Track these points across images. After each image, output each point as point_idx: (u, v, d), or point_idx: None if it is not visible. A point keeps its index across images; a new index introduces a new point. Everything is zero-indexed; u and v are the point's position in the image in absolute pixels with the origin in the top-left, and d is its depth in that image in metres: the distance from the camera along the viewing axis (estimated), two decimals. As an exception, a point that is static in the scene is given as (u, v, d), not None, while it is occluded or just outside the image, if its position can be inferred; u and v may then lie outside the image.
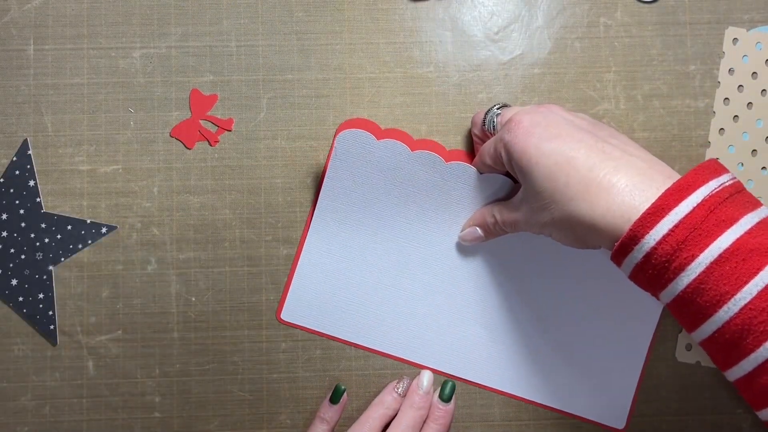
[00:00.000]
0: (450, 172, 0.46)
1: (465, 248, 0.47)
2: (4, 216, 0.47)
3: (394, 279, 0.47)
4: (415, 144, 0.47)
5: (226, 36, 0.48)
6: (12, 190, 0.47)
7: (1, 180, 0.47)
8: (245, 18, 0.48)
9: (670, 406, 0.47)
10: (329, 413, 0.46)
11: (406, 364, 0.47)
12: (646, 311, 0.47)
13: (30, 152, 0.47)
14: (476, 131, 0.46)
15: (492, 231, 0.44)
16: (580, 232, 0.36)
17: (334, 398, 0.46)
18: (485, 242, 0.46)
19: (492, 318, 0.47)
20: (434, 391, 0.47)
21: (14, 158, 0.47)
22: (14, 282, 0.47)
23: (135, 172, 0.48)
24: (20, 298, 0.47)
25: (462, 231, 0.46)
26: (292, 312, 0.47)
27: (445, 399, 0.46)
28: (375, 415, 0.45)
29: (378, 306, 0.47)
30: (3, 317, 0.47)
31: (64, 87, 0.48)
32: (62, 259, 0.47)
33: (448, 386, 0.46)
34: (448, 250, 0.47)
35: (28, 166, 0.47)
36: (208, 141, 0.48)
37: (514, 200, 0.42)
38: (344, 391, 0.46)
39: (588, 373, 0.47)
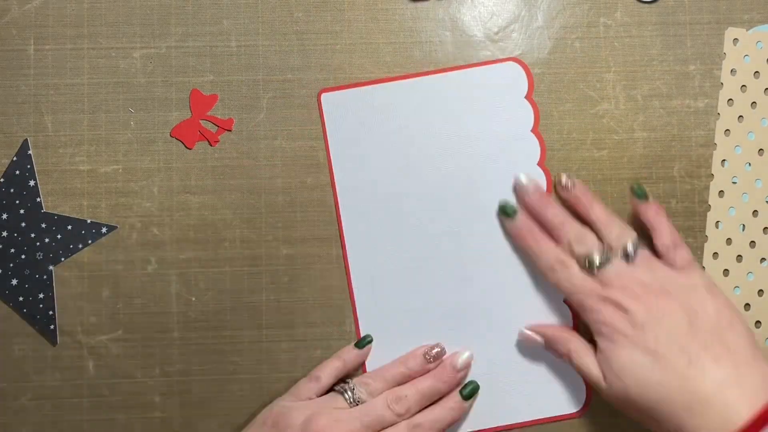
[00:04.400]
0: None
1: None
2: (4, 216, 0.47)
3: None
4: None
5: (226, 36, 0.48)
6: (12, 190, 0.47)
7: (1, 180, 0.47)
8: (245, 18, 0.48)
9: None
10: (350, 354, 0.45)
11: (406, 364, 0.47)
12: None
13: (30, 152, 0.47)
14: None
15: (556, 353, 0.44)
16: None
17: (359, 344, 0.46)
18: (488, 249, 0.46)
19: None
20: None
21: (14, 158, 0.47)
22: (14, 282, 0.47)
23: (135, 172, 0.48)
24: (20, 298, 0.47)
25: (527, 329, 0.45)
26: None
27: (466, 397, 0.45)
28: (393, 372, 0.44)
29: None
30: (3, 317, 0.47)
31: (64, 87, 0.48)
32: (62, 259, 0.47)
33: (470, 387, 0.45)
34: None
35: (28, 166, 0.47)
36: (208, 141, 0.48)
37: (601, 365, 0.41)
38: (370, 341, 0.46)
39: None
